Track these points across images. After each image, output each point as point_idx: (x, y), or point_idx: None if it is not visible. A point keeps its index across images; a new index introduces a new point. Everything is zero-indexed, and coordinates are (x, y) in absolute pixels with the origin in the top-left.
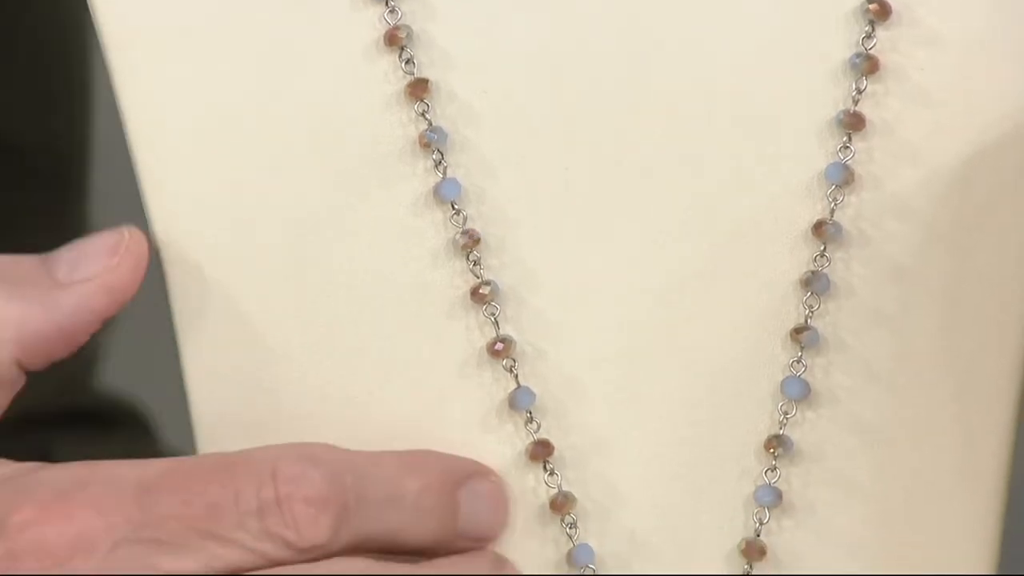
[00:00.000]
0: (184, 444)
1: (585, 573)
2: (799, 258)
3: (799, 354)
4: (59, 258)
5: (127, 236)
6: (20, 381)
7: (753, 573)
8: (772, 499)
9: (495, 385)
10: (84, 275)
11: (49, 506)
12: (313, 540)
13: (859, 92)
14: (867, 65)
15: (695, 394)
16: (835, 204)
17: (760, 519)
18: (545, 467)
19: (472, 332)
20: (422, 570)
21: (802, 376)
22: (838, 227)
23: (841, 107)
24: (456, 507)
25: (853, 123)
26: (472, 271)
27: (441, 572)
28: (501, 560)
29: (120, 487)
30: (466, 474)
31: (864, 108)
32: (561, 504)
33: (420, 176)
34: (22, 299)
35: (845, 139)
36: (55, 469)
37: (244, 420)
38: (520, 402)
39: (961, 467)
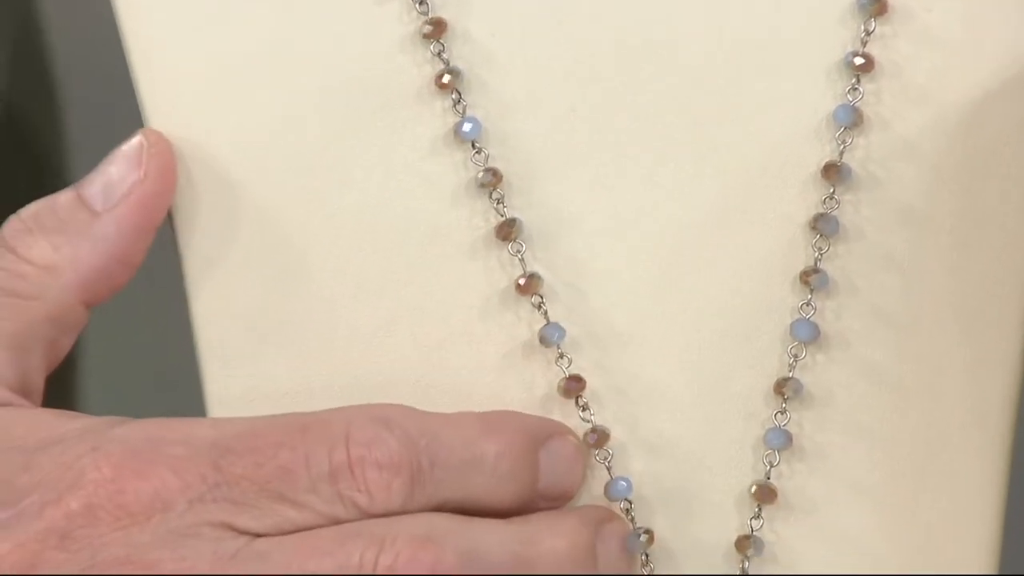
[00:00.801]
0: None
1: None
2: (808, 200)
3: (809, 297)
4: (91, 187)
5: (146, 142)
6: (84, 320)
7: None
8: (782, 442)
9: (518, 325)
10: (118, 196)
11: (126, 464)
12: (385, 505)
13: (867, 34)
14: (875, 7)
15: (705, 336)
16: (844, 146)
17: (770, 462)
18: (578, 402)
19: (493, 273)
20: (515, 525)
21: (811, 319)
22: (847, 169)
23: (850, 49)
24: (536, 469)
25: (862, 65)
26: (496, 209)
27: (536, 527)
28: (606, 515)
29: (196, 447)
30: (546, 435)
31: (873, 50)
32: (598, 439)
33: (439, 116)
34: (69, 242)
35: (854, 81)
36: (131, 426)
37: (253, 358)
38: (550, 337)
39: (969, 409)
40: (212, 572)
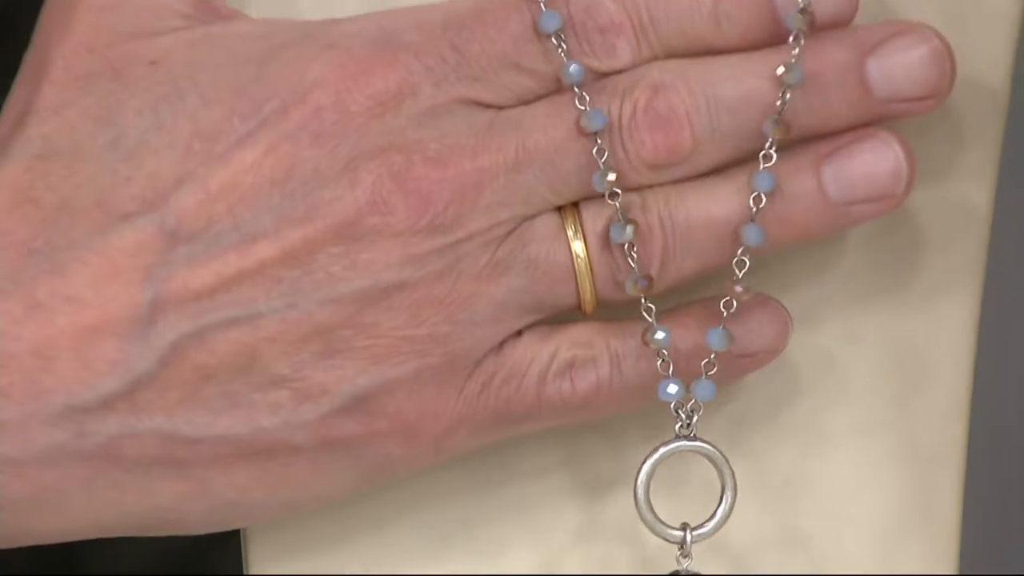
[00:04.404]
0: None
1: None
2: None
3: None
4: None
5: None
6: None
7: None
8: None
9: None
10: None
11: (368, 56)
12: (614, 66)
13: None
14: None
15: None
16: None
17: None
18: None
19: None
20: (758, 56)
21: None
22: None
23: None
24: (764, 7)
25: None
26: None
27: (787, 53)
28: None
29: (430, 30)
30: None
31: None
32: None
33: None
34: None
35: None
36: (356, 21)
37: None
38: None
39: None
40: (472, 143)
